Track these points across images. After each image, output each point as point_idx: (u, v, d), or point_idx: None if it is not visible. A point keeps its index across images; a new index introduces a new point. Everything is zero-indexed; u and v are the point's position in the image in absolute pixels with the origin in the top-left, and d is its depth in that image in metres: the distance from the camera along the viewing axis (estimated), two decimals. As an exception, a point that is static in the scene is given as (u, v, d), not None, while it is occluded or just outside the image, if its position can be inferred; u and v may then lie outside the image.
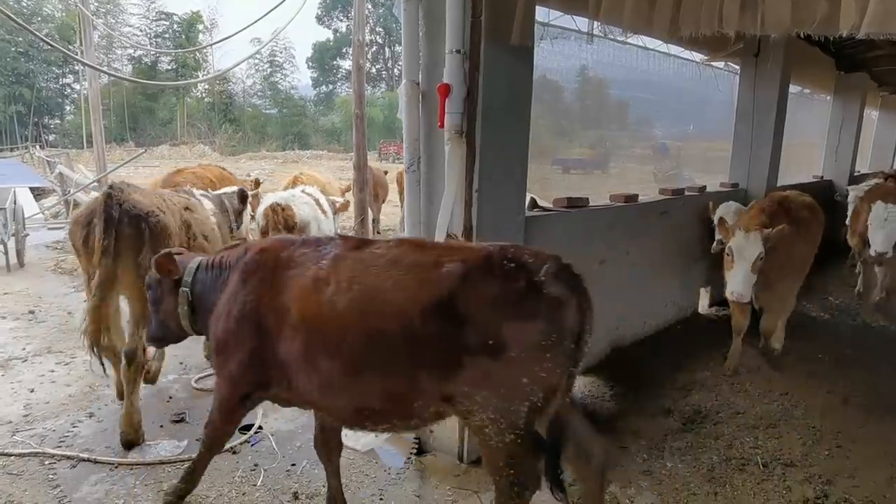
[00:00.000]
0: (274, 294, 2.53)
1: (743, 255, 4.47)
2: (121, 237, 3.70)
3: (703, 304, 6.77)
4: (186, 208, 4.48)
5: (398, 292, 2.29)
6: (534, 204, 4.32)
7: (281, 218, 6.17)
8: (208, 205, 5.08)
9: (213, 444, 3.00)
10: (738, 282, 4.51)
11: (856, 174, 10.29)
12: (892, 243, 5.62)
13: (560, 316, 2.21)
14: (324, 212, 6.77)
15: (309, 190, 7.07)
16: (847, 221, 7.44)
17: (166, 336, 3.10)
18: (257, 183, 8.34)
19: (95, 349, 3.70)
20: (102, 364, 3.87)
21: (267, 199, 6.51)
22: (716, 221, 5.56)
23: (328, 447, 2.99)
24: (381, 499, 3.30)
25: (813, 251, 5.43)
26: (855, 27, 2.42)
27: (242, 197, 5.64)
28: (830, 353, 5.55)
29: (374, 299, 2.32)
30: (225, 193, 5.58)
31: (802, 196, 5.59)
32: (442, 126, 3.28)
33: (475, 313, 2.21)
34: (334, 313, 2.36)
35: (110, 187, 3.89)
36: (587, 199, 4.78)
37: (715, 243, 5.79)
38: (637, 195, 5.44)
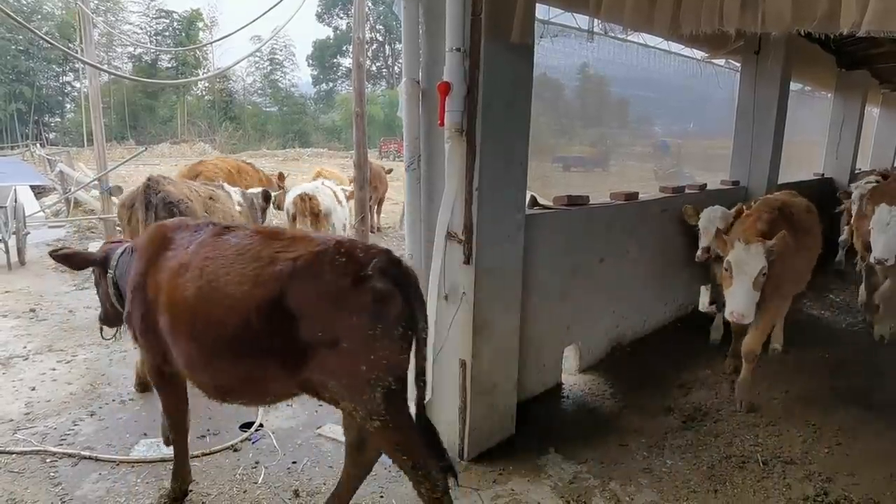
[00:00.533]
0: (154, 272, 2.72)
1: (744, 271, 3.97)
2: (157, 219, 4.20)
3: (704, 302, 6.77)
4: (210, 198, 5.23)
5: (236, 286, 2.42)
6: (534, 202, 4.32)
7: (308, 206, 7.01)
8: (236, 198, 5.89)
9: (175, 425, 3.17)
10: (739, 300, 3.99)
11: (856, 172, 10.27)
12: (894, 250, 5.18)
13: (384, 308, 2.31)
14: (339, 202, 7.70)
15: (328, 183, 8.04)
16: (851, 222, 7.10)
17: (108, 317, 3.35)
18: (282, 177, 9.37)
19: None
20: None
21: (294, 190, 7.53)
22: (701, 229, 5.41)
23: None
24: (381, 496, 3.30)
25: (814, 259, 5.10)
26: (856, 25, 2.41)
27: (266, 196, 6.25)
28: (831, 351, 5.55)
29: (216, 291, 2.46)
30: (253, 193, 6.28)
31: (799, 198, 5.29)
32: (442, 124, 3.28)
33: (305, 309, 2.33)
34: (186, 299, 2.52)
35: (149, 179, 4.69)
36: (587, 197, 4.77)
37: (700, 251, 5.44)
38: (637, 193, 5.44)
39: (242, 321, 2.38)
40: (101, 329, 3.49)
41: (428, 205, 3.60)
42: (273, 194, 6.60)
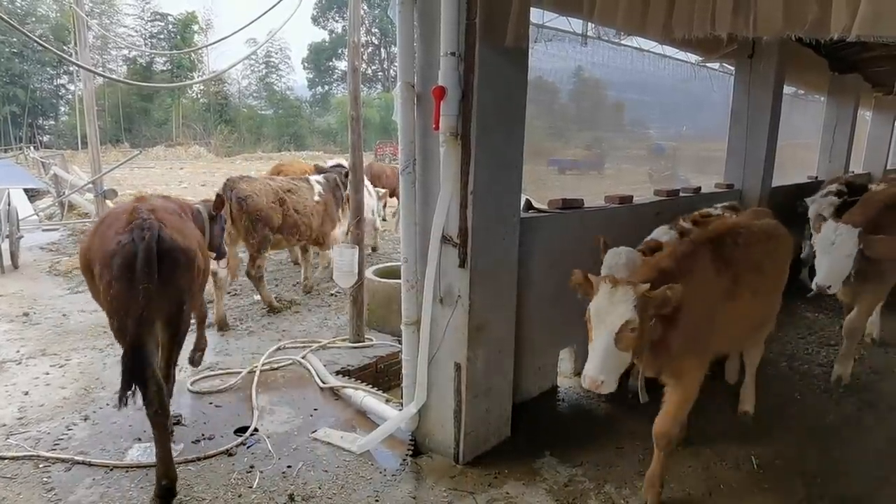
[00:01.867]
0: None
1: (603, 322, 2.86)
2: (232, 210, 6.34)
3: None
4: (288, 190, 6.92)
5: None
6: (529, 205, 4.33)
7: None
8: (317, 187, 7.43)
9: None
10: (592, 361, 2.84)
11: (849, 173, 10.35)
12: (840, 275, 4.28)
13: (122, 262, 3.04)
14: (369, 193, 8.85)
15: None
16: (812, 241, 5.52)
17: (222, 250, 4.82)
18: (347, 174, 10.01)
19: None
20: None
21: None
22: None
23: None
24: (376, 500, 3.30)
25: (771, 303, 4.08)
26: (846, 29, 2.43)
27: (346, 174, 7.29)
28: (826, 353, 5.58)
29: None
30: (336, 171, 7.82)
31: (763, 221, 4.09)
32: (437, 128, 3.29)
33: (94, 259, 3.22)
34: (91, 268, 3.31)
35: (228, 179, 6.60)
36: (582, 200, 4.79)
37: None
38: (632, 196, 5.46)
39: None
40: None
41: (423, 208, 3.61)
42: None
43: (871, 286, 4.65)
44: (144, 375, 3.05)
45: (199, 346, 4.45)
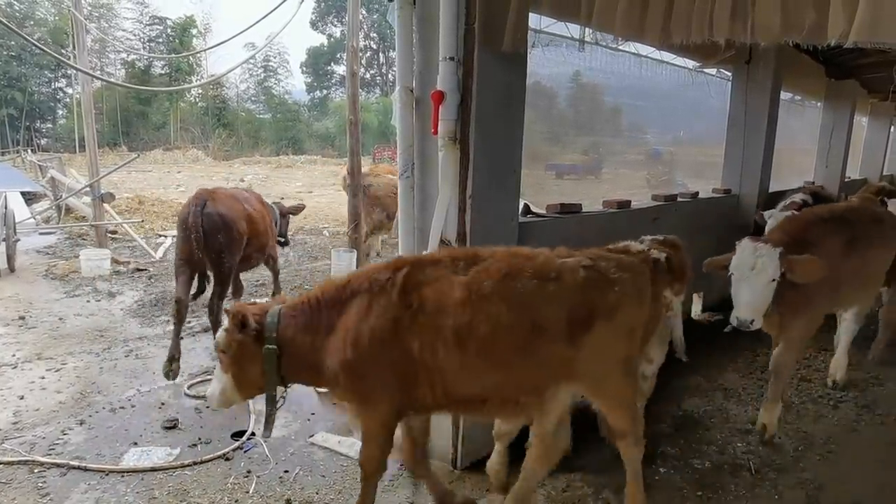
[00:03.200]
0: None
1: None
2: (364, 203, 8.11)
3: (696, 310, 6.80)
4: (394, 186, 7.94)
5: None
6: (527, 210, 4.33)
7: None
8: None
9: None
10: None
11: (846, 179, 10.37)
12: (761, 308, 3.65)
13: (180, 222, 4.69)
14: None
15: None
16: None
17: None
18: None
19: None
20: None
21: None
22: None
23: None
24: (373, 505, 3.29)
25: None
26: (843, 35, 2.44)
27: None
28: (823, 358, 5.58)
29: None
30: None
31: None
32: (436, 132, 3.29)
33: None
34: None
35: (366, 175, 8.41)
36: (580, 205, 4.79)
37: None
38: (630, 201, 5.47)
39: None
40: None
41: (422, 212, 3.61)
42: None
43: (800, 316, 3.92)
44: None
45: (277, 290, 6.77)
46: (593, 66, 6.29)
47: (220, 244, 5.14)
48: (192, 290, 5.53)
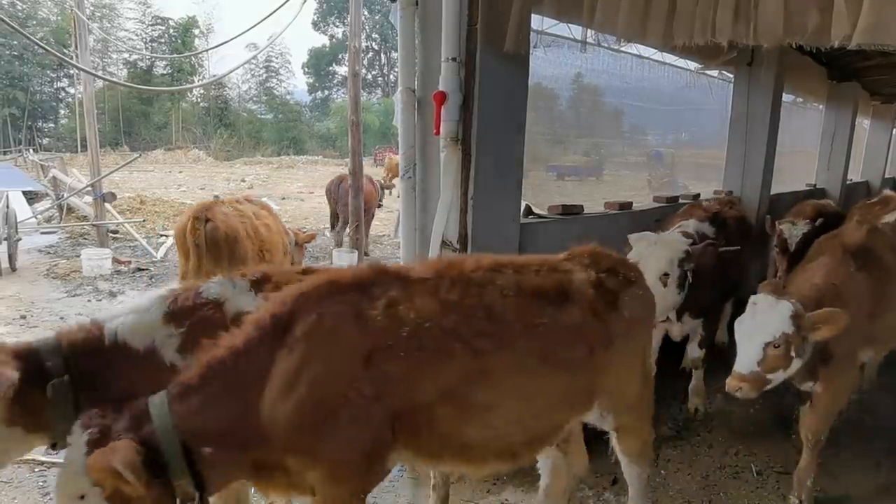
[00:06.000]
0: None
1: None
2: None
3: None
4: None
5: None
6: (529, 211, 4.33)
7: None
8: None
9: None
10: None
11: (848, 181, 10.36)
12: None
13: None
14: None
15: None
16: (779, 273, 5.28)
17: None
18: None
19: None
20: None
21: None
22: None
23: None
24: (374, 507, 3.28)
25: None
26: (846, 38, 2.44)
27: None
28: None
29: None
30: None
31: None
32: (438, 133, 3.29)
33: None
34: None
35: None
36: (581, 206, 4.79)
37: None
38: (632, 203, 5.47)
39: None
40: None
41: (423, 213, 3.61)
42: None
43: (828, 376, 3.14)
44: None
45: None
46: (595, 68, 6.29)
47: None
48: None
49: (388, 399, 1.95)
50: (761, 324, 2.86)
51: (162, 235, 11.97)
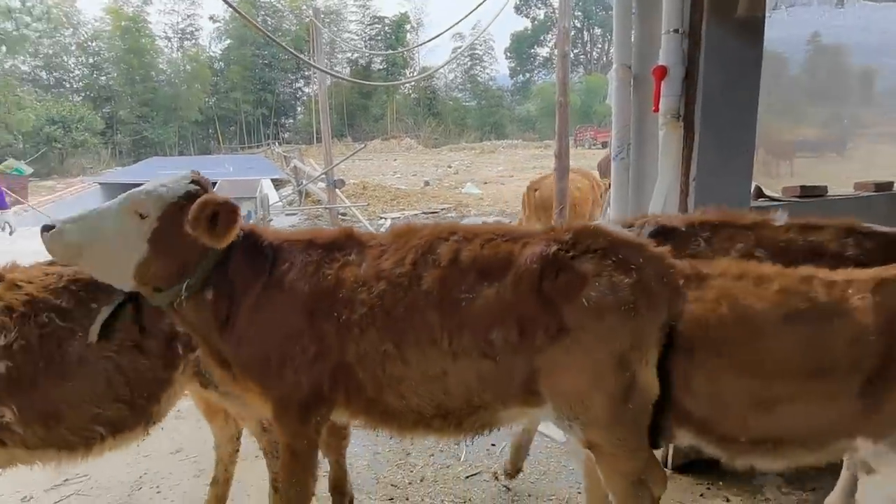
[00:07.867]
0: None
1: None
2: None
3: None
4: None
5: None
6: (759, 193, 3.90)
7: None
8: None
9: None
10: None
11: None
12: None
13: None
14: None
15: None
16: None
17: None
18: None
19: None
20: None
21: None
22: None
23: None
24: (578, 492, 3.28)
25: None
26: None
27: None
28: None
29: None
30: None
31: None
32: (656, 110, 3.12)
33: None
34: None
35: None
36: (825, 187, 4.17)
37: None
38: (892, 183, 4.60)
39: None
40: None
41: (637, 196, 3.46)
42: None
43: None
44: None
45: None
46: (840, 24, 5.46)
47: None
48: None
49: (324, 355, 2.07)
50: None
51: (382, 217, 13.19)
